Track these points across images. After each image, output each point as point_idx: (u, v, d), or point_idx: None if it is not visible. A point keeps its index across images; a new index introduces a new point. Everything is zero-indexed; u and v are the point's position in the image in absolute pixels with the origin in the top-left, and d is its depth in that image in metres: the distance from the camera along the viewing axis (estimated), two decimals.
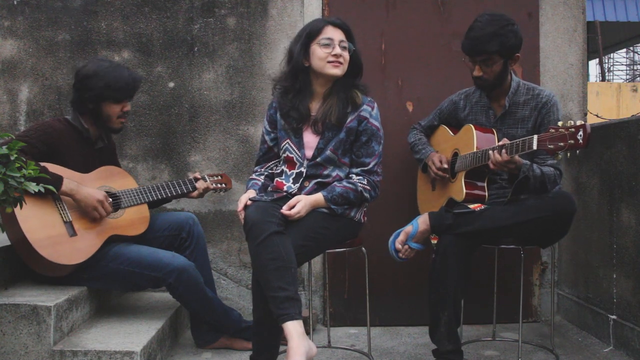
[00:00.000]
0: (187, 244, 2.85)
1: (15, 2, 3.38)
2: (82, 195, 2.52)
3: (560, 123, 2.19)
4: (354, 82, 2.52)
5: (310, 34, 2.47)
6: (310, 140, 2.51)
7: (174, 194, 2.87)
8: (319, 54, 2.44)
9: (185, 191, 2.90)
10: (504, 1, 3.18)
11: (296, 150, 2.52)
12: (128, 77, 2.71)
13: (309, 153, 2.51)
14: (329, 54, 2.42)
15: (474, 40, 2.54)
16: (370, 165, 2.50)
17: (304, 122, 2.50)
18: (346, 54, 2.46)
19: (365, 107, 2.49)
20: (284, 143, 2.56)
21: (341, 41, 2.45)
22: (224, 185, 3.09)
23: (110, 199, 2.62)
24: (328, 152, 2.48)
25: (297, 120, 2.50)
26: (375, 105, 2.53)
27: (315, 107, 2.52)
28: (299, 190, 2.50)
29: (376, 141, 2.51)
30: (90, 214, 2.55)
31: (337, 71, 2.44)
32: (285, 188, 2.51)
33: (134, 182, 2.85)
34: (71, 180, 2.52)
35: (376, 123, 2.51)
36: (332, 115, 2.45)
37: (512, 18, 2.58)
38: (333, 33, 2.45)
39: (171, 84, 3.39)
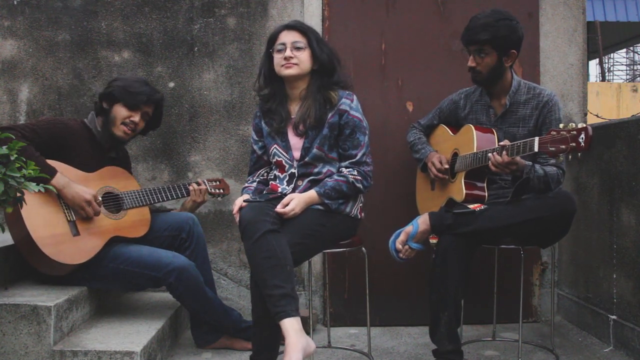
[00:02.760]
0: (187, 244, 2.85)
1: (15, 2, 3.38)
2: (70, 193, 2.50)
3: (561, 125, 2.19)
4: (330, 81, 2.53)
5: (269, 42, 2.57)
6: (296, 142, 2.54)
7: (174, 197, 2.90)
8: (275, 60, 2.52)
9: (186, 195, 2.94)
10: (504, 1, 3.18)
11: (284, 154, 2.55)
12: (147, 88, 2.78)
13: (297, 154, 2.53)
14: (281, 59, 2.48)
15: (469, 30, 2.60)
16: (358, 157, 2.51)
17: (286, 122, 2.54)
18: (301, 54, 2.48)
19: (343, 100, 2.51)
20: (272, 148, 2.58)
21: (294, 42, 2.49)
22: (221, 190, 3.09)
23: (100, 199, 2.61)
24: (315, 150, 2.50)
25: (277, 122, 2.54)
26: (355, 97, 2.55)
27: (294, 109, 2.57)
28: (293, 190, 2.52)
29: (360, 132, 2.52)
30: (78, 212, 2.55)
31: (290, 71, 2.48)
32: (279, 190, 2.54)
33: (137, 184, 2.85)
34: (64, 176, 2.50)
35: (357, 114, 2.52)
36: (310, 117, 2.48)
37: (514, 16, 2.60)
38: (286, 37, 2.51)
39: (171, 84, 3.39)
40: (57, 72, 3.38)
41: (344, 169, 2.51)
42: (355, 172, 2.49)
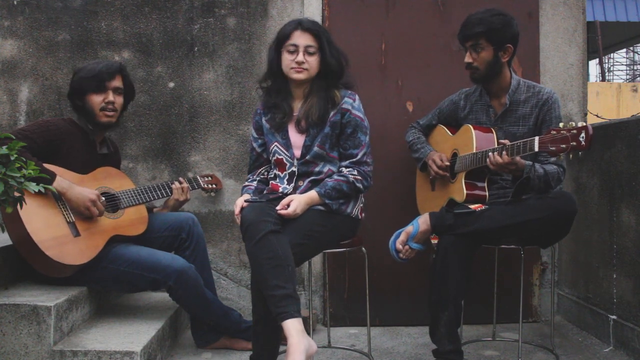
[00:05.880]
0: (187, 245, 2.85)
1: (15, 2, 3.38)
2: (74, 195, 2.50)
3: (561, 124, 2.19)
4: (334, 83, 2.53)
5: (280, 38, 2.52)
6: (297, 139, 2.53)
7: (160, 196, 2.92)
8: (284, 60, 2.49)
9: (170, 194, 2.99)
10: (504, 1, 3.17)
11: (285, 151, 2.54)
12: (102, 66, 2.74)
13: (298, 152, 2.53)
14: (292, 61, 2.46)
15: (464, 27, 2.62)
16: (359, 156, 2.51)
17: (288, 118, 2.53)
18: (312, 59, 2.47)
19: (346, 99, 2.51)
20: (272, 146, 2.57)
21: (307, 46, 2.46)
22: (214, 185, 3.18)
23: (104, 198, 2.62)
24: (316, 149, 2.50)
25: (280, 116, 2.53)
26: (357, 97, 2.54)
27: (297, 106, 2.56)
28: (294, 190, 2.51)
29: (362, 132, 2.52)
30: (83, 214, 2.55)
31: (300, 76, 2.47)
32: (280, 189, 2.53)
33: (132, 182, 2.86)
34: (64, 179, 2.50)
35: (359, 114, 2.52)
36: (314, 114, 2.48)
37: (509, 12, 2.61)
38: (299, 38, 2.47)
39: (171, 84, 3.39)
40: (57, 72, 3.38)
41: (344, 169, 2.50)
42: (356, 172, 2.48)
